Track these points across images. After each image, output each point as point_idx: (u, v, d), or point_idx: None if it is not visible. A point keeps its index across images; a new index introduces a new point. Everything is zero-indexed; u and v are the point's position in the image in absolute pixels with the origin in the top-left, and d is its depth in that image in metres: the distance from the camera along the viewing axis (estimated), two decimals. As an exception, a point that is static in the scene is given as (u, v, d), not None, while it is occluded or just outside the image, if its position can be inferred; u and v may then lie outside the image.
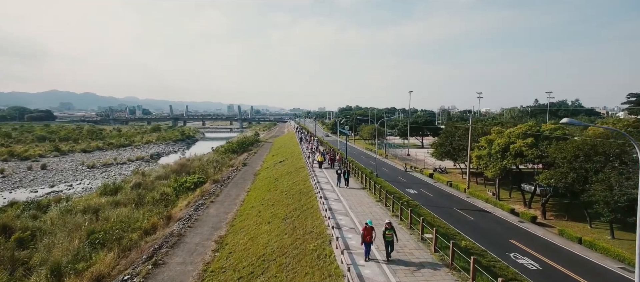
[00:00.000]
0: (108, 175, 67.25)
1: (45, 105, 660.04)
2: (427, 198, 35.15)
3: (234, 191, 34.05)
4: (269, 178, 35.12)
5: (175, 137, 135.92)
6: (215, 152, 72.58)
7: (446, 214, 29.19)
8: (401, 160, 68.52)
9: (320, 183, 25.84)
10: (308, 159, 32.41)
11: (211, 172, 47.67)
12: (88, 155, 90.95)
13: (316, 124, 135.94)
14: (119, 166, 78.27)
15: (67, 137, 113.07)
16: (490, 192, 37.38)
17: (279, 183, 30.32)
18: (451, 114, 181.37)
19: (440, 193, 37.93)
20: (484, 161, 31.53)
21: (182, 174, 50.52)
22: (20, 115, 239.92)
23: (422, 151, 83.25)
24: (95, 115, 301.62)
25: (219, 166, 50.54)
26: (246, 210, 25.39)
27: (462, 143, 42.43)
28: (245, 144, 74.44)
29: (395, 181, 44.56)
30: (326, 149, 46.74)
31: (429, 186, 41.83)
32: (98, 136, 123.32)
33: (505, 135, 30.49)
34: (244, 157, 60.57)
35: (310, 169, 30.34)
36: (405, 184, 42.43)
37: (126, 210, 29.89)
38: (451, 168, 54.53)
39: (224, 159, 61.99)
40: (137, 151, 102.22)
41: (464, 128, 44.00)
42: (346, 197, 22.47)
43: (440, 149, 46.98)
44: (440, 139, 48.55)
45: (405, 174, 50.41)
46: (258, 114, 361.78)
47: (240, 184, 37.52)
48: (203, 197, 31.46)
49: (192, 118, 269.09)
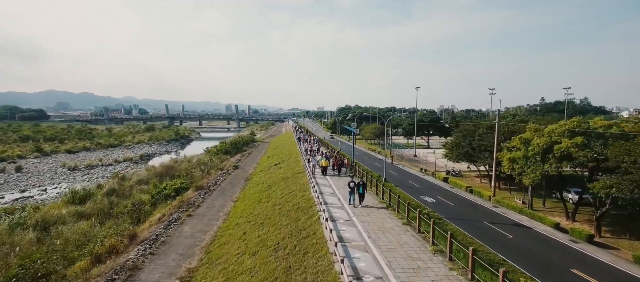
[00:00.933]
0: (90, 178, 61.84)
1: (43, 105, 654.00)
2: (448, 208, 29.81)
3: (219, 200, 28.66)
4: (261, 184, 29.80)
5: (168, 137, 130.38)
6: (207, 153, 67.13)
7: (477, 229, 23.87)
8: (408, 162, 63.25)
9: (323, 194, 20.43)
10: (308, 163, 27.00)
11: (198, 176, 42.25)
12: (72, 156, 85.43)
13: (315, 124, 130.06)
14: (103, 167, 72.78)
15: (53, 137, 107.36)
16: (519, 200, 32.07)
17: (272, 192, 24.96)
18: (455, 113, 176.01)
19: (462, 202, 32.58)
20: (519, 164, 26.16)
21: (165, 178, 45.11)
22: (11, 115, 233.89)
23: (428, 151, 78.00)
24: (90, 115, 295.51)
25: (207, 169, 45.13)
26: (229, 228, 20.04)
27: (483, 143, 37.08)
28: (239, 145, 69.02)
29: (407, 186, 39.23)
30: (330, 151, 41.00)
31: (446, 192, 36.48)
32: (87, 136, 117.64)
33: (546, 134, 25.13)
34: (237, 158, 55.15)
35: (311, 175, 25.16)
36: (419, 190, 37.10)
37: (86, 225, 24.48)
38: (465, 171, 49.24)
39: (215, 160, 56.55)
40: (126, 152, 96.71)
41: (485, 126, 38.66)
42: (361, 218, 16.42)
43: (457, 150, 41.59)
44: (456, 138, 43.17)
45: (417, 178, 45.08)
46: (256, 114, 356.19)
47: (227, 191, 32.11)
48: (180, 208, 26.10)
49: (188, 118, 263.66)
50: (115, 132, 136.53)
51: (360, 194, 19.16)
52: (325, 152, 31.27)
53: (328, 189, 22.62)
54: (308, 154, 33.07)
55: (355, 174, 29.18)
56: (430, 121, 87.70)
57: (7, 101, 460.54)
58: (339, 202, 19.60)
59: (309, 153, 35.66)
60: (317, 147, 41.20)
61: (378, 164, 57.63)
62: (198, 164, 48.30)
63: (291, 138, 70.10)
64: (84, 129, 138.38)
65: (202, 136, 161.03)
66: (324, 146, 51.19)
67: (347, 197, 19.46)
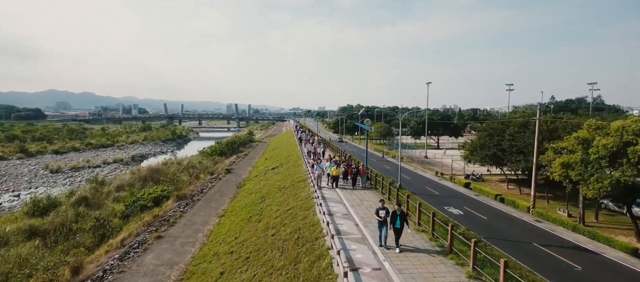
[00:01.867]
0: (72, 181, 56.74)
1: (43, 105, 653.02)
2: (482, 224, 24.48)
3: (201, 214, 23.37)
4: (254, 195, 24.55)
5: (164, 137, 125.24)
6: (202, 154, 61.88)
7: (527, 254, 18.59)
8: (420, 164, 57.86)
9: (333, 216, 14.48)
10: (311, 169, 21.61)
11: (185, 181, 37.00)
12: (59, 157, 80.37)
13: (317, 124, 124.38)
14: (90, 169, 67.63)
15: (42, 137, 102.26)
16: (563, 211, 26.71)
17: (265, 207, 19.66)
18: (462, 112, 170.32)
19: (495, 214, 27.22)
20: (577, 170, 20.76)
21: (149, 183, 39.91)
22: (7, 114, 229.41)
23: (438, 151, 72.54)
24: (88, 114, 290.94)
25: (196, 173, 39.88)
26: (205, 259, 14.77)
27: (516, 144, 31.67)
28: (236, 145, 63.74)
29: (425, 193, 33.90)
30: (341, 156, 33.84)
31: (472, 202, 31.10)
32: (78, 136, 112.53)
33: (613, 132, 19.74)
34: (232, 160, 49.89)
35: (315, 186, 19.49)
36: (441, 198, 31.75)
37: (27, 248, 19.20)
38: (485, 174, 43.86)
39: (207, 163, 51.31)
40: (118, 152, 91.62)
41: (517, 124, 33.23)
42: (400, 266, 10.18)
43: (481, 152, 36.15)
44: (480, 139, 37.72)
45: (434, 183, 39.71)
46: (257, 114, 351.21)
47: (214, 202, 26.81)
48: (150, 226, 20.85)
49: (188, 117, 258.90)
50: (109, 132, 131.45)
51: (397, 229, 11.76)
52: (333, 158, 25.14)
53: (339, 207, 16.53)
54: (311, 159, 27.57)
55: (382, 191, 20.72)
56: (440, 120, 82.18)
57: (8, 101, 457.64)
58: (357, 230, 13.27)
59: (312, 157, 30.29)
60: (322, 150, 35.84)
61: (387, 167, 52.30)
62: (187, 167, 43.05)
63: (291, 138, 64.72)
64: (76, 128, 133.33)
65: (200, 136, 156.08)
66: (330, 148, 45.49)
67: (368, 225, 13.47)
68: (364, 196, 18.72)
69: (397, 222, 11.76)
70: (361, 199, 17.79)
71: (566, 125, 29.97)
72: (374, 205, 16.09)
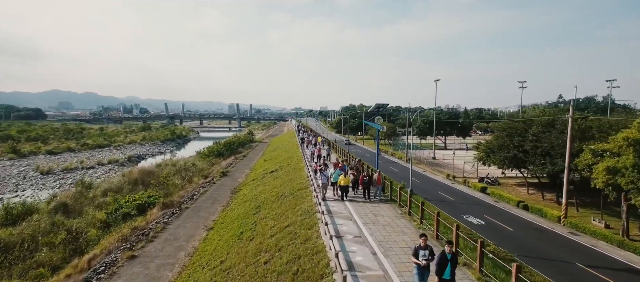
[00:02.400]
0: (63, 183, 53.87)
1: (45, 105, 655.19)
2: (508, 237, 21.37)
3: (186, 227, 20.32)
4: (248, 203, 21.51)
5: (164, 137, 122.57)
6: (199, 155, 58.92)
7: (573, 279, 15.46)
8: (428, 165, 54.70)
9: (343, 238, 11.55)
10: (315, 175, 18.51)
11: (176, 185, 34.04)
12: (53, 158, 77.66)
13: (320, 124, 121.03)
14: (83, 171, 64.84)
15: (38, 137, 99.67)
16: (598, 221, 23.52)
17: (260, 220, 16.56)
18: (468, 111, 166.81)
19: (522, 225, 24.06)
20: (628, 177, 17.58)
21: (138, 186, 37.04)
22: (7, 114, 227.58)
23: (446, 152, 69.26)
24: (89, 114, 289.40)
25: (189, 176, 36.91)
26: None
27: (541, 145, 28.47)
28: (234, 146, 60.72)
29: (438, 198, 30.80)
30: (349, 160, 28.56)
31: (492, 209, 27.94)
32: (76, 136, 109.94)
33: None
34: (229, 162, 46.88)
35: (319, 198, 16.21)
36: (456, 205, 28.62)
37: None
38: (500, 177, 40.69)
39: (203, 164, 48.35)
40: (115, 152, 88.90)
41: (542, 123, 30.00)
42: None
43: (499, 154, 32.94)
44: (498, 139, 34.51)
45: (446, 187, 36.56)
46: (259, 113, 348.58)
47: (203, 210, 23.78)
48: (126, 241, 17.86)
49: (189, 117, 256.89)
50: (107, 131, 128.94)
51: (446, 281, 8.15)
52: (341, 163, 21.06)
53: (349, 225, 13.08)
54: (314, 163, 24.28)
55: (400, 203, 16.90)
56: (447, 119, 78.89)
57: (11, 101, 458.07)
58: (376, 263, 9.95)
59: (315, 161, 27.12)
60: (327, 153, 32.57)
61: (394, 168, 49.21)
62: (180, 169, 40.06)
63: (293, 138, 61.65)
64: (73, 128, 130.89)
65: (201, 136, 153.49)
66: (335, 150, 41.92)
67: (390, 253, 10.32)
68: (379, 211, 15.50)
69: (447, 271, 7.93)
70: (376, 214, 14.61)
71: (602, 124, 26.73)
72: (392, 223, 13.00)
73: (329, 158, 30.47)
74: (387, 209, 15.22)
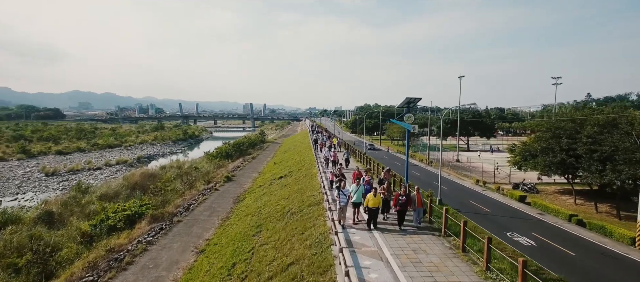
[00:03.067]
0: (67, 185, 51.71)
1: (66, 105, 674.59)
2: (573, 264, 17.09)
3: (173, 248, 16.70)
4: (250, 217, 17.87)
5: (175, 137, 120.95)
6: (207, 156, 55.90)
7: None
8: (453, 169, 50.23)
9: None
10: (330, 187, 14.68)
11: (176, 190, 30.79)
12: (62, 158, 76.28)
13: (335, 124, 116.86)
14: (89, 172, 62.87)
15: (50, 137, 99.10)
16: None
17: (258, 247, 12.75)
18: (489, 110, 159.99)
19: (584, 248, 19.65)
20: None
21: (136, 192, 34.06)
22: (27, 114, 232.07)
23: (470, 154, 64.23)
24: (105, 114, 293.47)
25: (191, 181, 33.64)
26: None
27: (600, 149, 23.88)
28: (244, 147, 57.47)
29: (471, 209, 26.61)
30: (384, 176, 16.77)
31: (539, 224, 23.55)
32: (88, 136, 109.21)
33: None
34: (236, 165, 43.55)
35: (334, 219, 11.84)
36: (495, 218, 24.37)
37: None
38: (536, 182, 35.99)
39: (210, 166, 45.18)
40: (125, 153, 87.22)
41: (601, 123, 25.35)
42: None
43: (544, 158, 28.38)
44: (541, 141, 29.94)
45: (477, 195, 32.19)
46: (273, 113, 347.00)
47: (198, 225, 20.22)
48: (94, 268, 14.48)
49: (203, 117, 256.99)
50: (120, 131, 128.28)
51: None
52: (366, 176, 15.22)
53: (380, 270, 8.97)
54: (329, 172, 19.72)
55: (443, 233, 12.23)
56: (471, 119, 73.78)
57: (35, 101, 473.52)
58: None
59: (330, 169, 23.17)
60: (345, 157, 27.91)
61: (416, 172, 44.99)
62: (182, 173, 36.86)
63: (306, 139, 57.95)
64: (85, 128, 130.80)
65: (214, 136, 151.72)
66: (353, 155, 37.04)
67: None
68: (420, 245, 11.07)
69: None
70: (416, 250, 10.34)
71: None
72: (441, 266, 8.98)
73: (347, 165, 26.76)
74: (430, 242, 10.82)
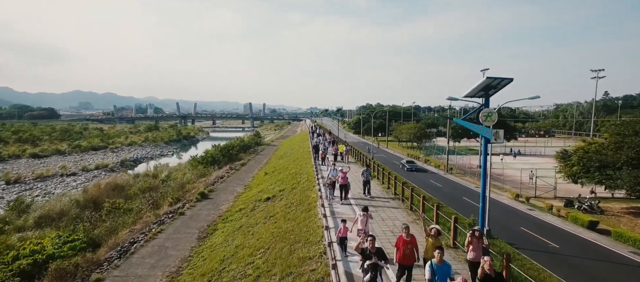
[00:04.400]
0: (29, 195, 44.50)
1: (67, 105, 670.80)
2: None
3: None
4: (207, 276, 10.74)
5: (168, 138, 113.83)
6: (193, 161, 48.51)
7: None
8: (478, 178, 42.20)
9: None
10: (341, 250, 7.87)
11: (138, 208, 23.40)
12: (36, 161, 69.23)
13: (338, 125, 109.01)
14: (61, 178, 55.70)
15: (31, 138, 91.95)
16: None
17: None
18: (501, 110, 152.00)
19: None
20: None
21: (85, 211, 26.78)
22: (20, 114, 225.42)
23: (494, 158, 56.16)
24: (102, 114, 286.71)
25: (157, 198, 26.21)
26: None
27: None
28: (234, 151, 50.10)
29: (528, 242, 19.29)
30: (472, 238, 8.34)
31: (634, 271, 16.05)
32: (73, 137, 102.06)
33: None
34: (220, 174, 36.13)
35: None
36: (573, 261, 16.90)
37: None
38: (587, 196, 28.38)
39: (193, 175, 37.83)
40: (110, 156, 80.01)
41: None
42: None
43: (628, 172, 20.84)
44: (613, 143, 22.34)
45: (524, 217, 24.69)
46: (273, 113, 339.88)
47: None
48: None
49: (201, 116, 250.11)
50: (109, 132, 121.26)
51: None
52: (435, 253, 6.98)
53: None
54: (340, 222, 10.67)
55: None
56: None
57: (36, 102, 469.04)
58: None
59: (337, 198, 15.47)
60: (366, 179, 18.36)
61: (435, 183, 37.46)
62: (152, 186, 29.43)
63: (305, 142, 50.47)
64: (72, 128, 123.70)
65: (211, 136, 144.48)
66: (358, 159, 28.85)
67: None
68: None
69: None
70: None
71: None
72: None
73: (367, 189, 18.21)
74: None
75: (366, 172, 18.50)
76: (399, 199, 18.43)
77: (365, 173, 18.51)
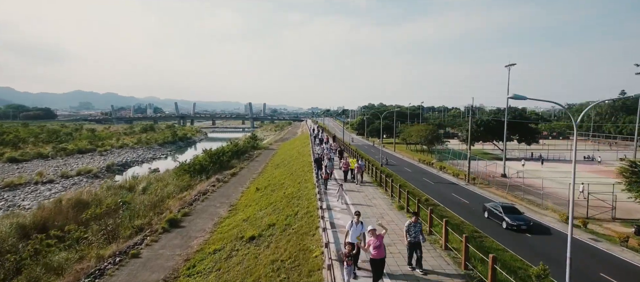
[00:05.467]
0: (-10, 208, 38.74)
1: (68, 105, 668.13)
2: None
3: None
4: None
5: (163, 139, 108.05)
6: (178, 169, 42.61)
7: None
8: (502, 188, 35.54)
9: None
10: None
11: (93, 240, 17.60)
12: (13, 167, 63.57)
13: (343, 129, 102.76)
14: (35, 186, 49.95)
15: (14, 140, 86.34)
16: None
17: None
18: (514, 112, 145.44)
19: None
20: None
21: (25, 240, 20.98)
22: (15, 114, 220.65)
23: (509, 163, 49.53)
24: (100, 114, 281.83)
25: (115, 225, 20.41)
26: None
27: None
28: (225, 157, 44.24)
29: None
30: None
31: None
32: (61, 138, 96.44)
33: None
34: (205, 187, 30.22)
35: None
36: None
37: None
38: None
39: (172, 187, 31.98)
40: (97, 159, 74.25)
41: None
42: None
43: None
44: None
45: (603, 258, 18.63)
46: (274, 113, 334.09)
47: None
48: None
49: (201, 116, 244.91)
50: (101, 133, 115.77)
51: None
52: None
53: None
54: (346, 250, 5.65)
55: None
56: (511, 120, 59.81)
57: (37, 102, 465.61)
58: None
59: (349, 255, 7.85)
60: (414, 237, 9.73)
61: (457, 196, 31.21)
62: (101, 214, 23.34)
63: (305, 148, 44.55)
64: (61, 129, 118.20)
65: (209, 137, 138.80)
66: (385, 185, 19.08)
67: None
68: None
69: None
70: None
71: None
72: None
73: (418, 260, 10.11)
74: None
75: (414, 229, 10.13)
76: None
77: (412, 230, 10.12)
